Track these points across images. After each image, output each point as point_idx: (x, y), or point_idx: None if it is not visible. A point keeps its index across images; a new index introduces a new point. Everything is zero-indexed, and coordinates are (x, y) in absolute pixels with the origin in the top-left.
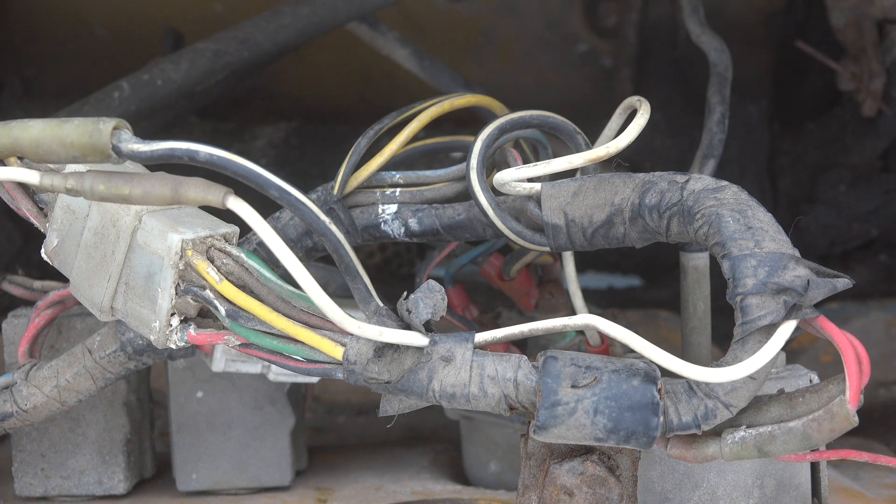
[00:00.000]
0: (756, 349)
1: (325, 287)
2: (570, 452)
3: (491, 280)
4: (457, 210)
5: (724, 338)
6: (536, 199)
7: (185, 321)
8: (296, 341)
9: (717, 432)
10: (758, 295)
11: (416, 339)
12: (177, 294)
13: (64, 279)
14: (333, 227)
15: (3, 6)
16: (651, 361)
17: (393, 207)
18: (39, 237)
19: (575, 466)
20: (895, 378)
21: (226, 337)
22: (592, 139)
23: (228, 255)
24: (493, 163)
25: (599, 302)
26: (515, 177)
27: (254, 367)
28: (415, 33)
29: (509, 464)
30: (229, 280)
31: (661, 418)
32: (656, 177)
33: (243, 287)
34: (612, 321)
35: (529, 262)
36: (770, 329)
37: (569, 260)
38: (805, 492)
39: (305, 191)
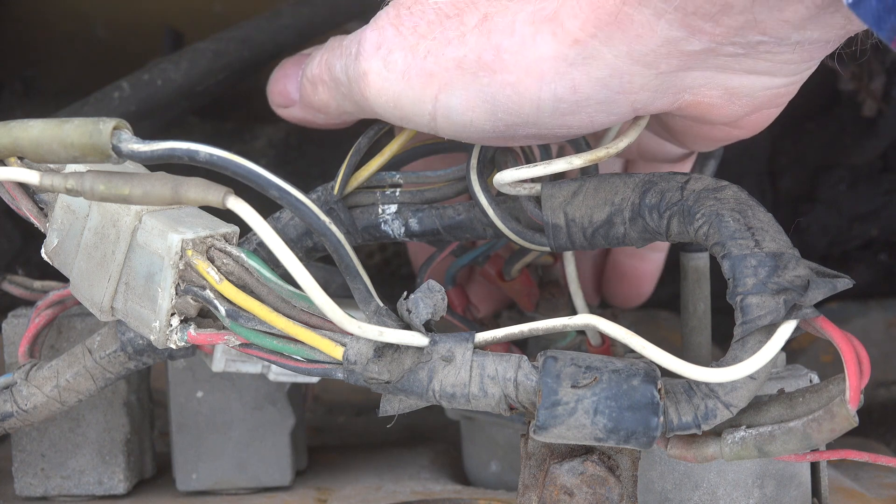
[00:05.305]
0: (756, 349)
1: (325, 287)
2: (570, 452)
3: (491, 280)
4: (457, 210)
5: (724, 338)
6: (536, 199)
7: (185, 321)
8: (296, 341)
9: (717, 432)
10: (758, 295)
11: (416, 339)
12: (177, 294)
13: (64, 279)
14: (333, 227)
15: (3, 6)
16: (651, 361)
17: (393, 207)
18: (39, 237)
19: (575, 466)
20: (895, 378)
21: (226, 337)
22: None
23: (228, 255)
24: (493, 163)
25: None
26: (515, 177)
27: (254, 367)
28: None
29: (509, 464)
30: (229, 280)
31: (661, 418)
32: (656, 177)
33: (243, 287)
34: (613, 321)
35: (530, 262)
36: (770, 329)
37: (569, 260)
38: (805, 492)
39: (305, 191)
